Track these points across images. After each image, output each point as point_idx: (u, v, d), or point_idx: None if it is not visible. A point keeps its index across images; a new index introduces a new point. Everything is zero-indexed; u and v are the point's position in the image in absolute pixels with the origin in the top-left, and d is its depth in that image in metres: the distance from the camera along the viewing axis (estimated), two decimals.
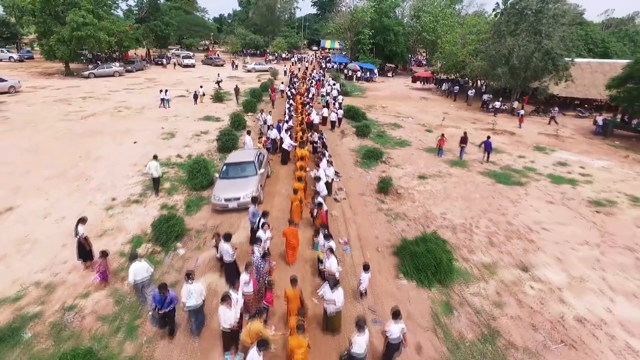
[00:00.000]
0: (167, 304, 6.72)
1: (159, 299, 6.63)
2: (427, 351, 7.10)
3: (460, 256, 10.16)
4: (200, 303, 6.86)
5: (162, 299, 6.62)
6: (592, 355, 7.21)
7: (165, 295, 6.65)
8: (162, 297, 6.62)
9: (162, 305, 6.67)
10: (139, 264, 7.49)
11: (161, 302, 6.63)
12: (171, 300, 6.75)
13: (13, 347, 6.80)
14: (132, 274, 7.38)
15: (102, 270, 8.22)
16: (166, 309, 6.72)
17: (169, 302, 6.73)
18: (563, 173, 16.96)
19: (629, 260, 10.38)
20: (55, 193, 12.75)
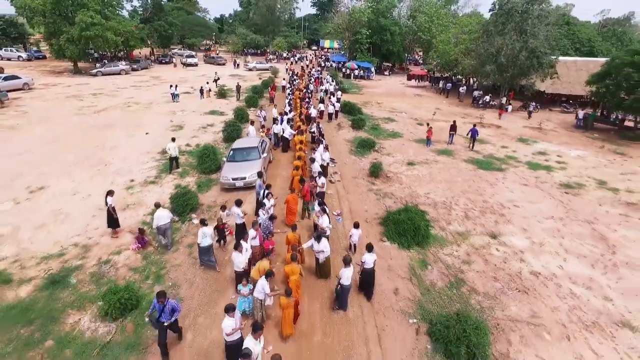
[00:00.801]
0: (168, 314, 6.26)
1: (158, 307, 6.24)
2: (403, 293, 8.60)
3: (438, 226, 11.66)
4: (211, 243, 8.64)
5: (160, 307, 6.20)
6: (540, 298, 8.70)
7: (164, 304, 6.20)
8: (160, 306, 6.20)
9: (160, 314, 6.21)
10: (161, 211, 9.32)
11: (160, 310, 6.21)
12: (172, 309, 6.32)
13: (64, 288, 8.31)
14: (156, 219, 9.18)
15: (140, 240, 9.74)
16: (167, 319, 6.27)
17: (171, 311, 6.28)
18: (541, 161, 18.47)
19: (585, 231, 11.89)
20: (79, 176, 14.24)
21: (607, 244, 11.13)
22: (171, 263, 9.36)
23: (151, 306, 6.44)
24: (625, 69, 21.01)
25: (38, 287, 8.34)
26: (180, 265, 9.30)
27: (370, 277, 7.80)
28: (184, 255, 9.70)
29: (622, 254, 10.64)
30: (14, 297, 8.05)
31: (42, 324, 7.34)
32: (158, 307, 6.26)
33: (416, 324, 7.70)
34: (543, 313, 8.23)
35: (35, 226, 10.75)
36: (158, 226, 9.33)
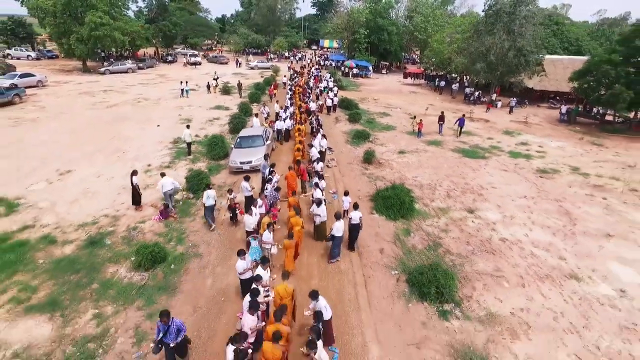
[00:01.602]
0: (174, 334, 5.93)
1: (161, 328, 5.93)
2: (388, 252, 10.15)
3: (422, 203, 13.20)
4: (213, 203, 10.53)
5: (165, 328, 5.89)
6: (504, 258, 10.24)
7: (169, 324, 5.88)
8: (164, 326, 5.89)
9: (165, 335, 5.90)
10: (165, 179, 11.33)
11: (164, 331, 5.90)
12: (178, 329, 6.00)
13: (101, 248, 9.85)
14: (161, 186, 11.25)
15: (162, 213, 11.31)
16: (173, 340, 5.93)
17: (176, 331, 5.96)
18: (522, 150, 20.01)
19: (553, 207, 13.42)
20: (100, 162, 15.79)
21: (570, 218, 12.66)
22: (190, 230, 10.92)
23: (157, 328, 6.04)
24: (603, 66, 22.54)
25: (79, 247, 9.89)
26: (198, 231, 10.87)
27: (355, 230, 9.42)
28: (200, 224, 11.26)
29: (581, 226, 12.17)
30: (61, 253, 9.60)
31: (87, 273, 8.88)
32: (162, 327, 5.91)
33: (397, 275, 9.24)
34: (505, 268, 9.76)
35: (68, 201, 12.30)
36: (164, 191, 11.31)
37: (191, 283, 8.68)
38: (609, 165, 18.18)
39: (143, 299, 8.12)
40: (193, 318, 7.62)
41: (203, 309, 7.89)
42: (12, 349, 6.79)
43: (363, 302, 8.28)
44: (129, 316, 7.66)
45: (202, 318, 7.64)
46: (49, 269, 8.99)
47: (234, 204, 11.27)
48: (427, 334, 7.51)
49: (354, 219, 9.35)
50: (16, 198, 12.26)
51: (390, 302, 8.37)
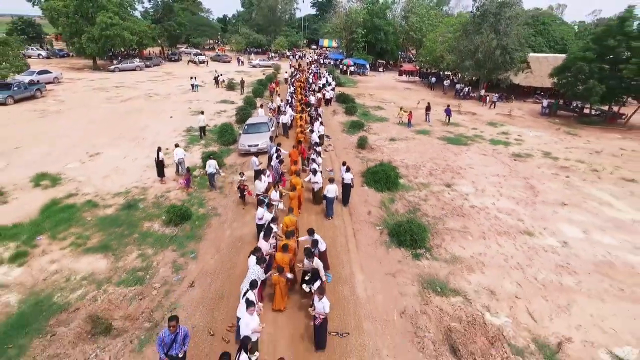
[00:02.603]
0: (180, 344, 5.57)
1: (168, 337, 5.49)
2: (374, 214, 12.17)
3: (407, 179, 15.22)
4: (213, 171, 12.84)
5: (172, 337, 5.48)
6: (472, 219, 12.25)
7: (176, 332, 5.50)
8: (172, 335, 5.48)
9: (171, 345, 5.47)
10: (178, 149, 13.98)
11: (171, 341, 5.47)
12: (185, 336, 5.66)
13: (136, 210, 11.87)
14: (175, 155, 13.73)
15: (187, 179, 13.33)
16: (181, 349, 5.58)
17: (183, 338, 5.61)
18: (502, 138, 22.04)
19: (520, 183, 15.45)
20: (123, 147, 17.79)
21: (534, 191, 14.70)
22: (208, 197, 12.96)
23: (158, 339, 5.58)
24: (578, 63, 24.56)
25: (117, 209, 11.91)
26: (215, 198, 12.91)
27: (347, 189, 11.50)
28: (216, 193, 13.30)
29: (542, 197, 14.20)
30: (103, 214, 11.63)
31: (127, 227, 10.90)
32: (169, 337, 5.47)
33: (380, 229, 11.26)
34: (471, 226, 11.78)
35: (102, 176, 14.31)
36: (177, 158, 13.98)
37: (213, 233, 10.72)
38: (578, 151, 20.22)
39: (175, 245, 10.15)
40: (218, 255, 9.66)
41: (224, 250, 9.93)
42: (80, 274, 8.82)
43: (352, 247, 10.31)
44: (166, 255, 9.68)
45: (224, 256, 9.67)
46: (96, 224, 11.01)
47: (243, 185, 13.02)
48: (401, 268, 9.54)
49: (346, 179, 11.50)
50: (57, 174, 14.27)
51: (373, 247, 10.40)
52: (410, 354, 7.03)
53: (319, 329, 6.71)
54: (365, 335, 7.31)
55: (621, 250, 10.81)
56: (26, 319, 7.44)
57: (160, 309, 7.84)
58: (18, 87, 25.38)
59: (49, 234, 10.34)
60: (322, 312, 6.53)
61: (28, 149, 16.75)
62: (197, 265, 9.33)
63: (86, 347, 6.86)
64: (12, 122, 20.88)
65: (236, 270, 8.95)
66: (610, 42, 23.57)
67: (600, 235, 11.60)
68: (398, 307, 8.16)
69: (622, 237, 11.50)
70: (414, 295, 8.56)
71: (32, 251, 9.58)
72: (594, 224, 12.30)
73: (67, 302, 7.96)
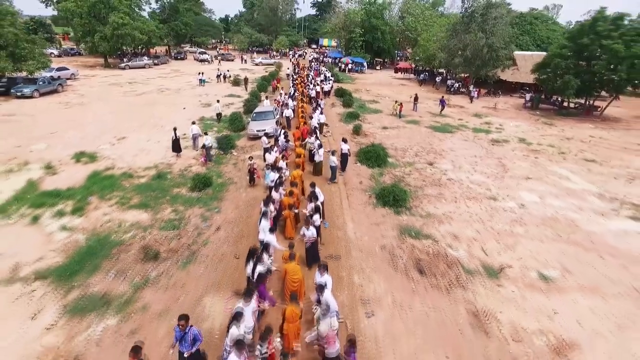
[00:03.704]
0: (189, 343, 5.72)
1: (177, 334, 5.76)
2: (364, 184, 14.47)
3: (395, 159, 17.52)
4: (210, 145, 15.07)
5: (180, 334, 5.71)
6: (447, 188, 14.53)
7: (185, 331, 5.70)
8: (180, 333, 5.71)
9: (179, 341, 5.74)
10: (194, 125, 16.51)
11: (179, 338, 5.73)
12: (194, 338, 5.80)
13: (165, 180, 14.18)
14: (191, 130, 16.12)
15: (205, 155, 15.64)
16: (188, 349, 5.73)
17: (192, 340, 5.75)
18: (484, 127, 24.35)
19: (493, 162, 17.75)
20: (145, 132, 20.07)
21: (504, 168, 17.00)
22: (224, 170, 15.27)
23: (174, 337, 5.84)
24: (556, 60, 26.86)
25: (149, 178, 14.21)
26: (230, 171, 15.22)
27: (345, 158, 13.98)
28: (230, 168, 15.61)
29: (510, 173, 16.49)
30: (138, 182, 13.91)
31: (160, 192, 13.18)
32: (178, 334, 5.71)
33: (369, 194, 13.55)
34: (445, 193, 14.07)
35: (131, 155, 16.61)
36: (192, 134, 16.30)
37: (232, 195, 13.03)
38: (551, 138, 22.53)
39: (201, 204, 12.45)
40: (237, 210, 11.99)
41: (242, 206, 12.25)
42: (128, 223, 11.11)
43: (345, 205, 12.63)
44: (195, 211, 11.98)
45: (242, 210, 11.99)
46: (133, 189, 13.30)
47: (253, 169, 14.70)
48: (384, 220, 11.84)
49: (344, 150, 14.13)
50: (93, 153, 16.57)
51: (363, 206, 12.71)
52: (386, 271, 9.33)
53: (310, 249, 9.03)
54: (353, 259, 9.62)
55: (567, 210, 13.13)
56: (94, 249, 9.74)
57: (195, 244, 10.15)
58: (43, 82, 27.68)
59: (98, 195, 12.65)
60: (312, 237, 8.85)
61: (62, 134, 19.05)
62: (221, 216, 11.65)
63: (144, 266, 9.16)
64: (42, 113, 23.17)
65: (252, 219, 11.25)
66: (584, 40, 25.84)
67: (552, 200, 13.91)
68: (379, 243, 10.47)
69: (570, 201, 13.82)
70: (393, 237, 10.86)
71: (87, 207, 11.88)
72: (550, 192, 14.61)
73: (122, 239, 10.25)
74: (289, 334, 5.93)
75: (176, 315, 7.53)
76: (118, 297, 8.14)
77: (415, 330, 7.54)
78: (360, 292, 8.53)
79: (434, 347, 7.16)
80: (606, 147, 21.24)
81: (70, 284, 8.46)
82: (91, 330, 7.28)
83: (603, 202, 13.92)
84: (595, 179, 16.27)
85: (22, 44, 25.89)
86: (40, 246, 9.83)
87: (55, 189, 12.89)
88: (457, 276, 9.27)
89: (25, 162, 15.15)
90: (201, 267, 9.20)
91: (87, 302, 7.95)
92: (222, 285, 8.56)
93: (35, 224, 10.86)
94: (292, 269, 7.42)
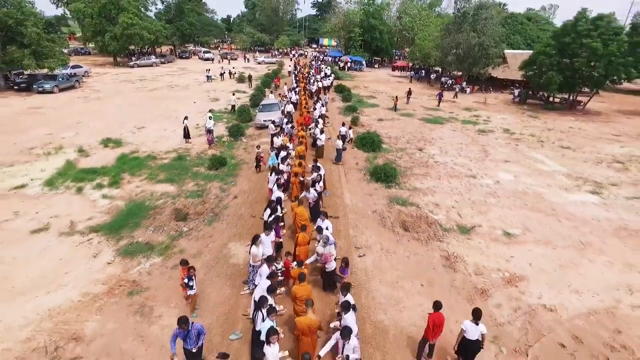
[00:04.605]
0: (194, 339, 5.96)
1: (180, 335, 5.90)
2: (360, 165, 16.44)
3: (388, 145, 19.47)
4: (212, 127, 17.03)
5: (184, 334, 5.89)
6: (433, 169, 16.49)
7: (188, 330, 5.89)
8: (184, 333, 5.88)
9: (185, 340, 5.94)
10: (208, 117, 17.81)
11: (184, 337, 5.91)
12: (198, 333, 6.01)
13: (184, 161, 16.14)
14: (205, 121, 17.68)
15: (209, 138, 17.65)
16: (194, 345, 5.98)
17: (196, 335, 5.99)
18: (473, 119, 26.31)
19: (477, 148, 19.71)
20: (162, 123, 22.03)
21: (486, 154, 18.95)
22: (236, 154, 17.22)
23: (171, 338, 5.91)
24: (540, 57, 28.82)
25: (171, 160, 16.16)
26: (241, 154, 17.19)
27: (343, 140, 15.88)
28: (241, 151, 17.58)
29: (491, 157, 18.45)
30: (161, 162, 15.87)
31: (182, 170, 15.14)
32: (181, 334, 5.90)
33: (364, 173, 15.51)
34: (431, 173, 16.03)
35: (152, 141, 18.57)
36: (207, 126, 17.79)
37: (245, 173, 15.01)
38: (533, 129, 24.49)
39: (219, 179, 14.41)
40: (250, 183, 14.00)
41: (254, 180, 14.25)
42: (159, 192, 13.07)
43: (343, 180, 14.61)
44: (214, 184, 13.93)
45: (255, 183, 13.99)
46: (158, 168, 15.25)
47: (260, 157, 16.76)
48: (376, 192, 13.80)
49: (342, 132, 16.27)
50: (118, 139, 18.53)
51: (358, 181, 14.67)
52: (376, 228, 11.29)
53: (314, 208, 10.99)
54: (349, 219, 11.60)
55: (536, 186, 15.09)
56: (133, 212, 11.69)
57: (217, 208, 12.12)
58: (62, 79, 29.66)
59: (129, 172, 14.61)
60: (314, 197, 10.82)
61: (87, 124, 21.01)
62: (237, 188, 13.63)
63: (176, 224, 11.12)
64: (64, 106, 25.15)
65: (264, 191, 13.20)
66: (567, 39, 27.79)
67: (525, 178, 15.87)
68: (371, 208, 12.44)
69: (540, 179, 15.79)
70: (383, 204, 12.82)
71: (121, 181, 13.85)
72: (524, 172, 16.58)
73: (156, 205, 12.21)
74: (300, 254, 7.94)
75: (208, 256, 9.64)
76: (159, 244, 10.10)
77: (397, 267, 9.51)
78: (355, 241, 10.51)
79: (411, 278, 9.12)
80: (583, 136, 23.19)
81: (119, 235, 10.43)
82: (141, 265, 9.24)
83: (569, 180, 15.89)
84: (567, 162, 18.23)
85: (44, 43, 27.79)
86: (88, 209, 11.81)
87: (91, 167, 14.86)
88: (435, 232, 11.23)
89: (60, 147, 17.13)
90: (224, 224, 11.18)
91: (134, 247, 9.92)
92: (242, 235, 10.53)
93: (80, 194, 12.83)
94: (300, 212, 9.41)
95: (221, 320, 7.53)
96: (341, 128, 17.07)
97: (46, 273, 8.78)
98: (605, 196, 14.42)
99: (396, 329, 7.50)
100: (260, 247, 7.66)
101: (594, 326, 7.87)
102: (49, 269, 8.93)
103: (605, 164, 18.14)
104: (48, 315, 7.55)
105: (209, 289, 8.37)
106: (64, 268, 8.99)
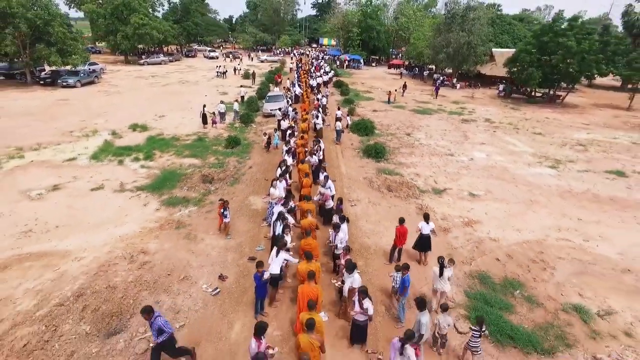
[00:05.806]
0: (155, 334, 5.45)
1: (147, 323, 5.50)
2: (354, 145, 19.14)
3: (380, 130, 22.16)
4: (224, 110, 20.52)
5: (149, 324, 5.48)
6: (417, 149, 19.18)
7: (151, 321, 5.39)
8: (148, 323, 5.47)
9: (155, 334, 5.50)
10: (220, 104, 20.80)
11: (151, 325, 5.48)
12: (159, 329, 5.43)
13: (204, 141, 18.82)
14: (216, 107, 20.57)
15: (214, 120, 20.41)
16: (154, 339, 5.47)
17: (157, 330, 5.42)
18: (459, 110, 29.01)
19: (459, 134, 22.41)
20: (179, 112, 24.72)
21: (466, 137, 21.65)
22: (247, 136, 19.92)
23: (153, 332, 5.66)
24: (522, 55, 31.52)
25: (193, 141, 18.85)
26: (252, 137, 19.91)
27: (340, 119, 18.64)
28: (252, 135, 20.30)
29: (470, 140, 21.15)
30: (185, 143, 18.56)
31: (203, 148, 17.82)
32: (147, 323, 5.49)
33: (357, 151, 18.22)
34: (415, 152, 18.72)
35: (173, 127, 21.25)
36: (219, 110, 20.78)
37: (256, 151, 17.70)
38: (512, 119, 27.19)
39: (235, 155, 17.09)
40: (262, 157, 16.71)
41: (266, 155, 16.96)
42: (186, 164, 15.76)
43: (340, 157, 17.32)
44: (231, 159, 16.61)
45: (266, 158, 16.70)
46: (183, 146, 17.94)
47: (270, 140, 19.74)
48: (367, 164, 16.50)
49: (338, 115, 19.09)
50: (144, 125, 21.22)
51: (352, 157, 17.38)
52: (365, 189, 13.99)
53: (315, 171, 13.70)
54: (344, 182, 14.31)
55: (505, 162, 17.78)
56: (168, 177, 14.36)
57: (237, 174, 14.82)
58: (83, 74, 32.36)
59: (158, 150, 17.30)
60: (315, 162, 13.52)
61: (113, 113, 23.69)
62: (251, 161, 16.34)
63: (205, 185, 13.80)
64: (88, 98, 27.83)
65: (274, 163, 15.85)
66: (545, 38, 30.49)
67: (496, 156, 18.57)
68: (362, 176, 15.15)
69: (509, 157, 18.49)
70: (372, 174, 15.51)
71: (154, 156, 16.53)
72: (496, 152, 19.28)
73: (186, 172, 14.89)
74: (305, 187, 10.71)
75: (233, 205, 12.33)
76: (193, 198, 12.79)
77: (380, 213, 12.21)
78: (348, 195, 13.21)
79: (390, 220, 11.78)
80: (556, 125, 25.90)
81: (161, 192, 13.11)
82: (182, 211, 11.93)
83: (534, 158, 18.60)
84: (535, 145, 20.92)
85: (69, 41, 30.47)
86: (131, 175, 14.50)
87: (126, 145, 17.56)
88: (413, 193, 13.92)
89: (95, 130, 19.83)
90: (243, 185, 13.90)
91: (175, 200, 12.60)
92: (259, 192, 13.24)
93: (122, 165, 15.53)
94: (303, 167, 12.08)
95: (249, 240, 10.24)
96: (337, 112, 19.96)
97: (111, 215, 11.47)
98: (561, 170, 17.13)
99: (376, 247, 10.22)
100: (277, 190, 10.35)
101: (525, 249, 10.58)
102: (112, 213, 11.63)
103: (569, 147, 20.84)
104: (120, 239, 10.23)
105: (238, 222, 11.07)
106: (124, 212, 11.69)
